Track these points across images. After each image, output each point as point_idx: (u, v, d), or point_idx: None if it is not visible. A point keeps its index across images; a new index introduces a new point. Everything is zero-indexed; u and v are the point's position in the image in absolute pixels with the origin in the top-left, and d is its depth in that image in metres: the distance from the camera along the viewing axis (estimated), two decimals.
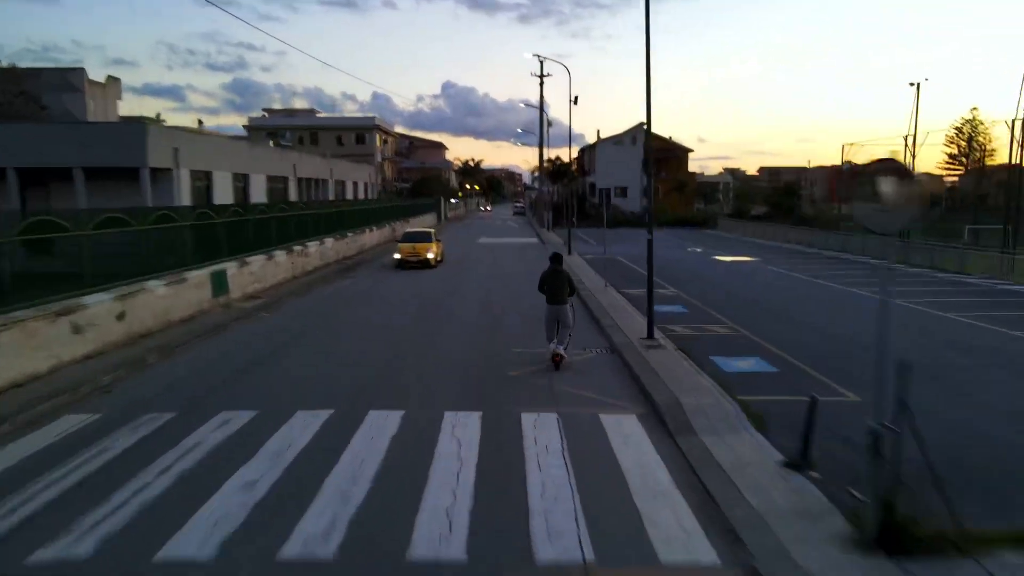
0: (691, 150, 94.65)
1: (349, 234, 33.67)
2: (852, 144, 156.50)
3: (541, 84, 60.45)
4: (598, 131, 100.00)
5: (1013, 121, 35.20)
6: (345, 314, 18.53)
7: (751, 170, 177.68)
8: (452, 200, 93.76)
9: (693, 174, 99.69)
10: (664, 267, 30.74)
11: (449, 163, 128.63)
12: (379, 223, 41.68)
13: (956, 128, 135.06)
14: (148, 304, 14.96)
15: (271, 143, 46.62)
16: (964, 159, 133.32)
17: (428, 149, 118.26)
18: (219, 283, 18.55)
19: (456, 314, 18.42)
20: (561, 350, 12.59)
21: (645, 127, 20.38)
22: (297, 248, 25.58)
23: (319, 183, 44.24)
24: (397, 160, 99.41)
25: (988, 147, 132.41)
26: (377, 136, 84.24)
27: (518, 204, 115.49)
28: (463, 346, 14.66)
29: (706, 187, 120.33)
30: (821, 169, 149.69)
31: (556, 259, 13.28)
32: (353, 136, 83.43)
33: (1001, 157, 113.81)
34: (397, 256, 28.24)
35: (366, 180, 58.85)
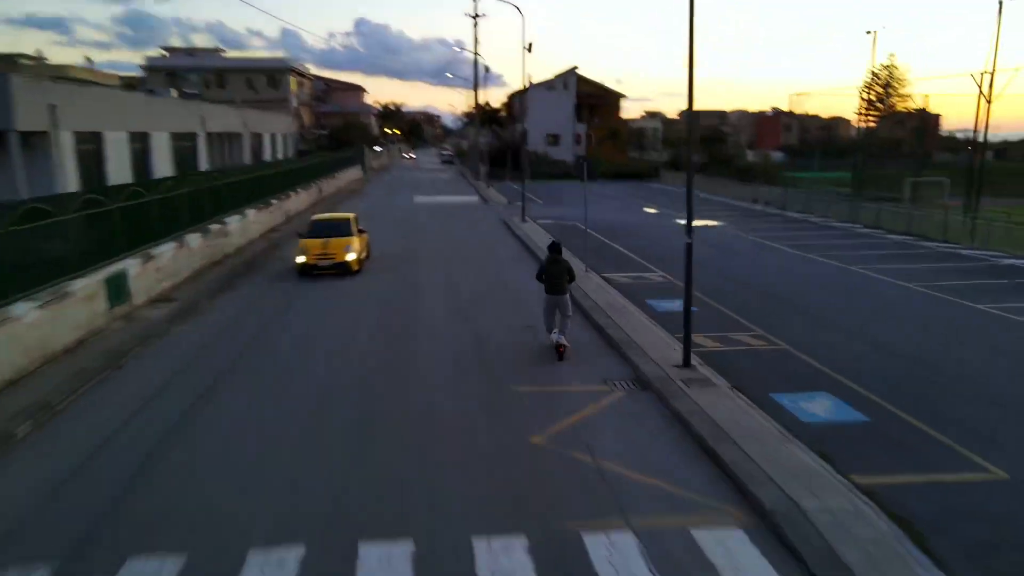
0: (623, 95, 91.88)
1: (273, 201, 29.25)
2: (801, 93, 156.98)
3: (475, 24, 55.88)
4: (529, 76, 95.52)
5: (982, 74, 33.69)
6: (292, 324, 14.83)
7: (671, 113, 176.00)
8: (375, 148, 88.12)
9: (626, 121, 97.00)
10: (631, 236, 27.98)
11: (369, 107, 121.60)
12: (305, 184, 37.09)
13: (873, 74, 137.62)
14: (14, 338, 10.92)
15: (172, 91, 40.65)
16: (880, 105, 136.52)
17: (346, 92, 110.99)
18: (116, 289, 14.44)
19: (421, 338, 15.05)
20: (564, 340, 12.45)
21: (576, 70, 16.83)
22: (215, 227, 21.32)
23: (232, 139, 38.98)
24: (314, 105, 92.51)
25: (901, 94, 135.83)
26: (292, 79, 77.45)
27: (445, 151, 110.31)
28: (452, 394, 11.33)
29: (634, 134, 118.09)
30: (746, 114, 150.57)
31: (555, 248, 12.86)
32: (265, 79, 76.36)
33: (916, 105, 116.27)
34: (300, 260, 19.20)
35: (285, 131, 53.22)
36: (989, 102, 33.78)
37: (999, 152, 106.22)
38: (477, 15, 55.69)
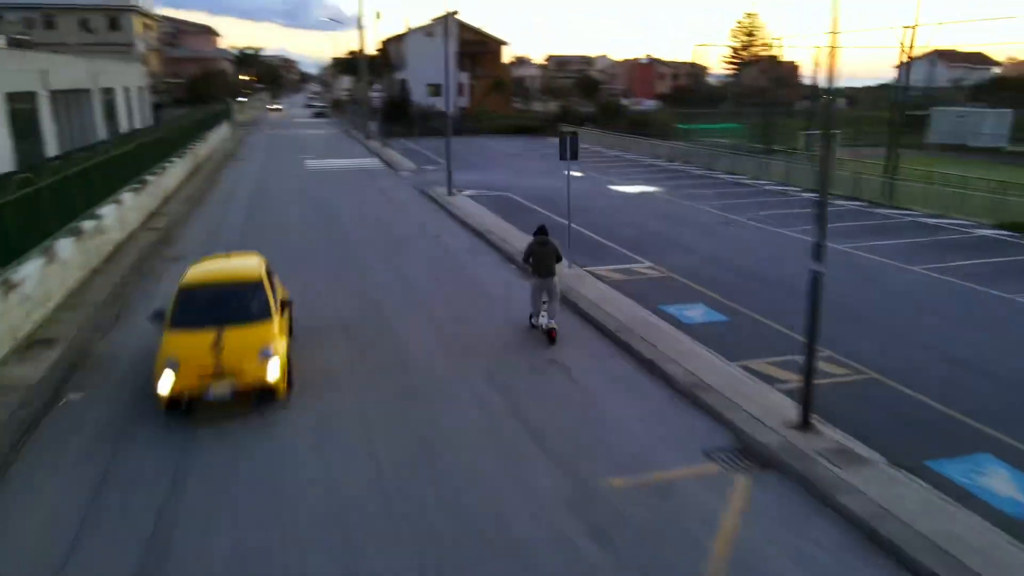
0: (506, 42, 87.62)
1: (148, 178, 23.87)
2: (704, 44, 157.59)
3: None
4: (407, 20, 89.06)
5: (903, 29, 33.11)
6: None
7: (536, 59, 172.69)
8: (240, 100, 79.58)
9: (508, 68, 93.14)
10: (579, 211, 25.09)
11: (225, 52, 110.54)
12: (179, 151, 31.31)
13: (739, 23, 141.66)
14: None
15: None
16: (744, 53, 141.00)
17: (198, 36, 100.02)
18: None
19: None
20: (554, 324, 12.30)
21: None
22: (89, 225, 16.40)
23: (81, 97, 32.16)
24: (163, 51, 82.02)
25: (761, 43, 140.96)
26: (135, 20, 67.74)
27: (316, 103, 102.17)
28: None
29: (516, 83, 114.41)
30: (609, 60, 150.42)
31: (542, 230, 12.55)
32: (105, 20, 66.37)
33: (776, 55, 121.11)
34: (167, 384, 9.08)
35: (139, 84, 45.58)
36: (911, 58, 33.47)
37: (850, 99, 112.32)
38: None
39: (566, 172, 17.54)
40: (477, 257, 18.68)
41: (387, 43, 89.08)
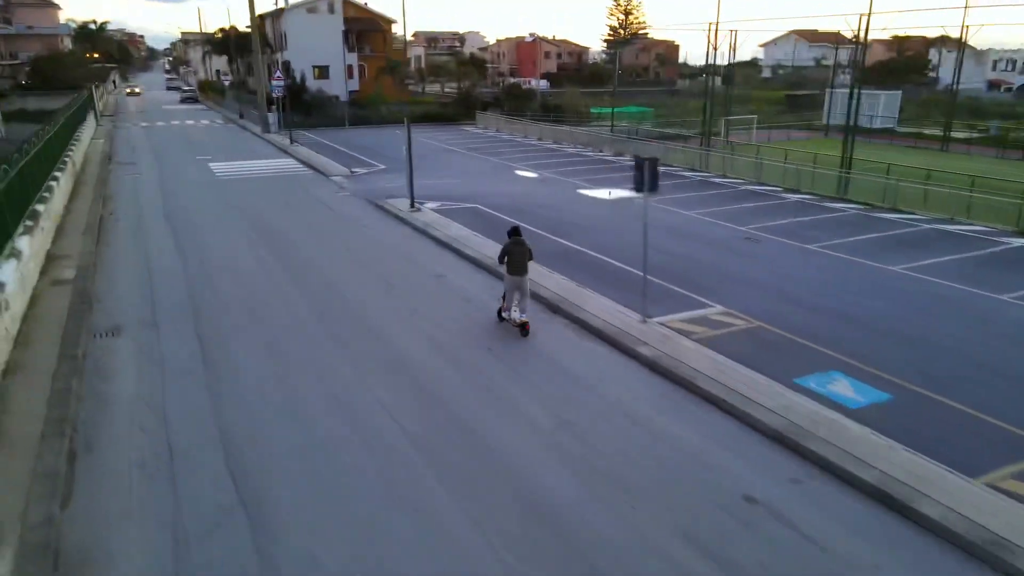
0: (394, 20, 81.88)
1: (39, 208, 18.26)
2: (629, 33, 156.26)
3: None
4: None
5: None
6: None
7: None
8: (99, 83, 69.61)
9: (401, 52, 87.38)
10: (570, 226, 21.85)
11: (67, 27, 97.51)
12: (60, 163, 25.19)
13: (615, 2, 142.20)
14: None
15: None
16: (623, 32, 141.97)
17: (34, 9, 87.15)
18: None
19: None
20: (526, 317, 13.21)
21: None
22: None
23: None
24: None
25: (639, 20, 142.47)
26: None
27: (184, 87, 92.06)
28: None
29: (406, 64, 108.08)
30: (500, 42, 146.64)
31: (516, 231, 13.31)
32: None
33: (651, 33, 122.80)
34: None
35: None
36: (865, 45, 32.61)
37: (725, 78, 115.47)
38: None
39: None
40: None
41: (262, 19, 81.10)
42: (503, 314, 13.58)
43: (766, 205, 25.77)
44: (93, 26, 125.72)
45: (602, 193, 27.81)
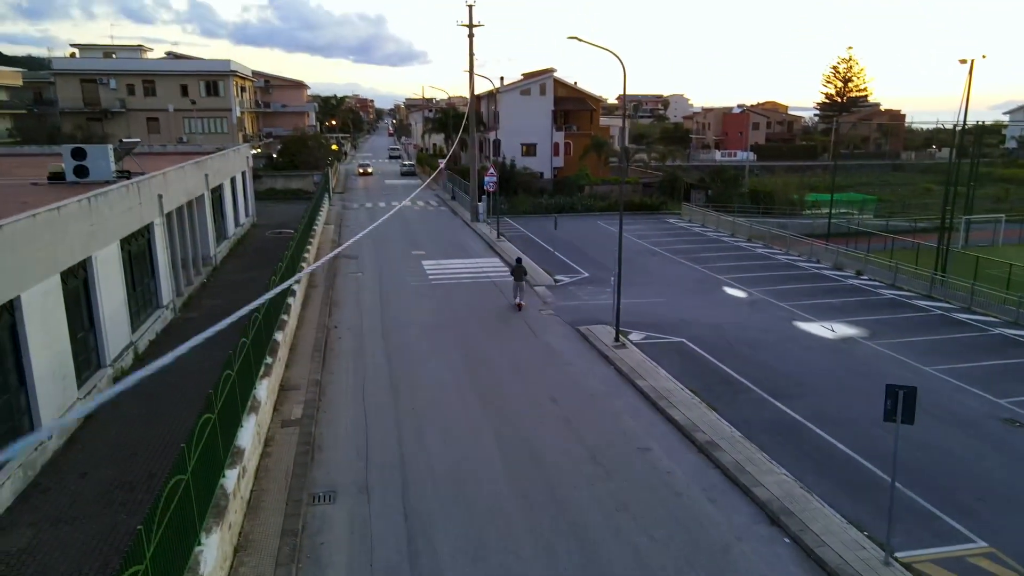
0: (604, 99, 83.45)
1: (277, 336, 19.94)
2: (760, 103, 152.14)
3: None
4: (501, 77, 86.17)
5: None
6: None
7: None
8: (331, 160, 77.41)
9: (606, 128, 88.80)
10: (774, 377, 18.69)
11: (312, 105, 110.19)
12: (295, 270, 27.75)
13: (833, 68, 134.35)
14: None
15: (109, 147, 30.60)
16: (840, 99, 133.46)
17: (286, 89, 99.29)
18: None
19: None
20: (523, 301, 27.36)
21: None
22: (230, 482, 12.27)
23: (194, 208, 29.03)
24: (256, 111, 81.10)
25: (860, 87, 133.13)
26: (234, 83, 66.42)
27: (405, 161, 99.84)
28: None
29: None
30: (707, 111, 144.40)
31: (519, 260, 28.12)
32: (202, 85, 65.22)
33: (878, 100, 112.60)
34: None
35: (244, 169, 42.82)
36: None
37: (960, 149, 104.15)
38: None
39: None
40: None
41: (479, 100, 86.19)
42: (515, 301, 27.53)
43: None
44: (334, 101, 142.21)
45: (820, 328, 25.51)
